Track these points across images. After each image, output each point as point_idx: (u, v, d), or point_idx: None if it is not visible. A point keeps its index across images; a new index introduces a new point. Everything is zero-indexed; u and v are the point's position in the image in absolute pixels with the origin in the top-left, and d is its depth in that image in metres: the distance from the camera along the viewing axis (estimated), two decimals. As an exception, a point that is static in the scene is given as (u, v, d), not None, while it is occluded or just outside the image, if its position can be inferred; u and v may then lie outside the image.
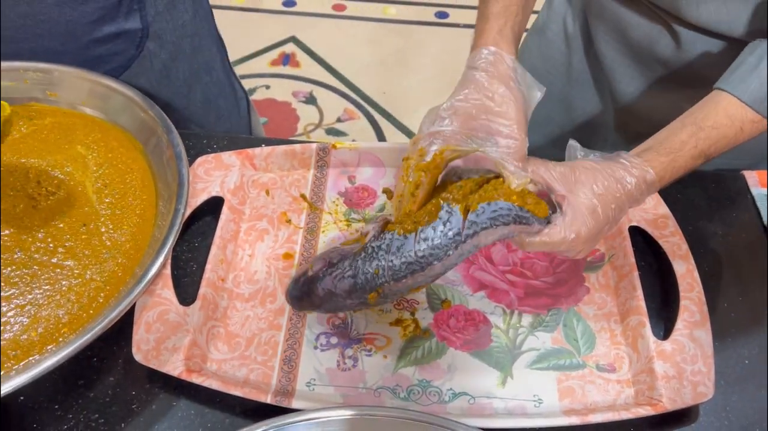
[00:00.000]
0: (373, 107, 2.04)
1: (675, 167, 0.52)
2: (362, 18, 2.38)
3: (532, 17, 0.86)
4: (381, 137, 1.95)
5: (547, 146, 0.90)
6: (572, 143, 0.55)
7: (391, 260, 0.51)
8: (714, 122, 0.53)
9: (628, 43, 0.73)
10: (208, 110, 0.89)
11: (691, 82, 0.69)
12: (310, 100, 2.05)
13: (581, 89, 0.83)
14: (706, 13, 0.63)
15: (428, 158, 0.52)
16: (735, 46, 0.62)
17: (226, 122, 0.93)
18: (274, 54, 2.20)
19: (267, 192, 0.67)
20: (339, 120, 1.99)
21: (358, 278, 0.52)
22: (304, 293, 0.54)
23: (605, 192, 0.50)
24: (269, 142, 0.70)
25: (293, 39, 2.26)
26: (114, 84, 0.66)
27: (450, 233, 0.49)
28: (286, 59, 2.18)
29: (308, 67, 2.16)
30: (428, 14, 2.40)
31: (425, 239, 0.49)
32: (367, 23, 2.36)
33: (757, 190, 0.72)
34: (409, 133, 1.97)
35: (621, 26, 0.72)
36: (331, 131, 1.95)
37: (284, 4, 2.41)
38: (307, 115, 2.00)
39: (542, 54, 0.85)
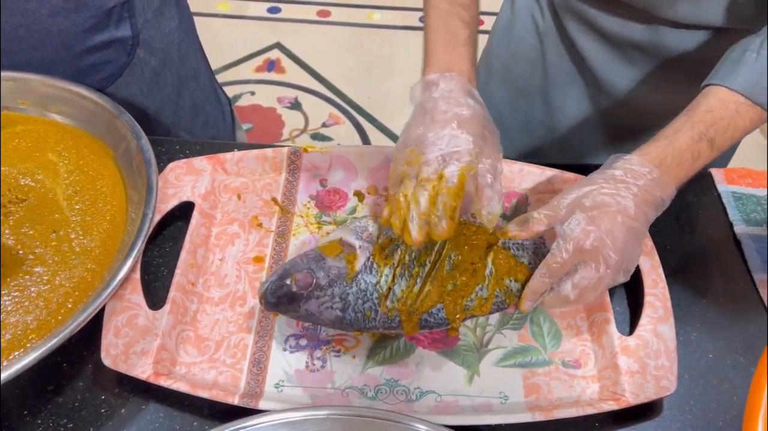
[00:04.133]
0: (358, 112, 2.05)
1: (675, 149, 0.53)
2: (347, 23, 2.40)
3: (491, 18, 0.87)
4: (366, 141, 1.96)
5: (529, 143, 0.90)
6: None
7: (387, 309, 0.53)
8: (706, 106, 0.54)
9: (604, 34, 0.73)
10: (196, 116, 0.90)
11: (673, 66, 0.71)
12: (295, 105, 2.06)
13: (561, 84, 0.83)
14: (681, 10, 0.64)
15: (455, 181, 0.52)
16: (716, 30, 0.64)
17: (213, 128, 0.94)
18: (259, 60, 2.21)
19: (238, 196, 0.68)
20: (324, 125, 2.00)
21: (347, 314, 0.53)
22: (282, 304, 0.54)
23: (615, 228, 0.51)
24: (241, 147, 0.70)
25: (278, 45, 2.27)
26: (84, 91, 0.66)
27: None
28: (271, 65, 2.19)
29: (293, 73, 2.17)
30: (412, 19, 2.42)
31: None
32: (352, 29, 2.38)
33: (723, 187, 0.74)
34: (393, 137, 1.98)
35: (594, 21, 0.73)
36: (317, 136, 1.96)
37: (269, 10, 2.42)
38: (292, 120, 2.01)
39: (514, 53, 0.86)
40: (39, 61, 0.70)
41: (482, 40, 0.83)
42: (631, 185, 0.52)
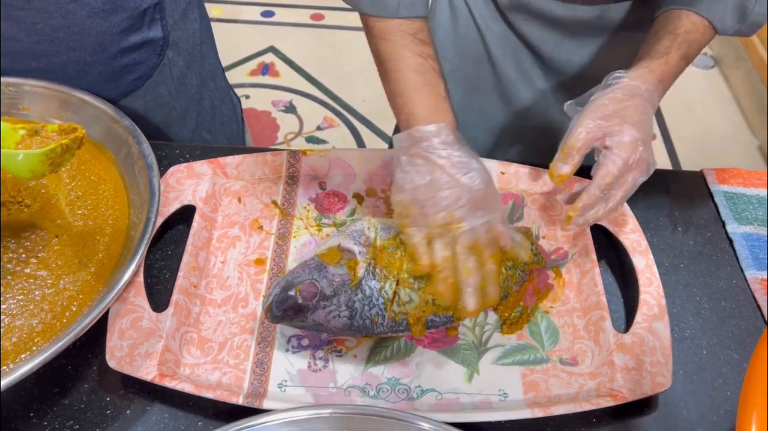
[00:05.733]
0: (353, 115, 2.06)
1: (669, 67, 0.61)
2: (340, 27, 2.41)
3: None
4: (361, 144, 1.97)
5: (489, 140, 0.91)
6: (568, 104, 0.64)
7: (394, 314, 0.54)
8: (684, 28, 0.63)
9: (554, 22, 0.76)
10: (215, 116, 0.91)
11: (616, 34, 0.76)
12: (290, 109, 2.07)
13: (511, 76, 0.84)
14: None
15: (493, 249, 0.55)
16: None
17: (228, 128, 0.95)
18: (253, 64, 2.21)
19: (239, 200, 0.68)
20: (319, 128, 2.01)
21: (355, 322, 0.54)
22: (289, 316, 0.54)
23: (636, 110, 0.58)
24: (241, 151, 0.71)
25: (272, 49, 2.28)
26: (85, 96, 0.67)
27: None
28: (266, 69, 2.20)
29: (287, 77, 2.18)
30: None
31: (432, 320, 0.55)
32: (345, 32, 2.39)
33: (715, 187, 0.75)
34: (388, 139, 1.99)
35: (544, 12, 0.75)
36: (311, 139, 1.97)
37: (263, 14, 2.42)
38: (287, 124, 2.02)
39: (461, 53, 0.86)
40: (75, 62, 0.71)
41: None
42: (644, 93, 0.59)
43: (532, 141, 0.89)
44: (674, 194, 0.74)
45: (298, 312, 0.54)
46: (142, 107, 0.80)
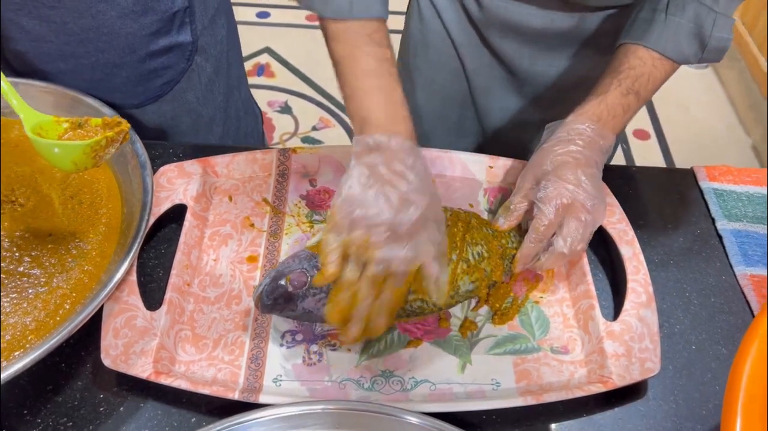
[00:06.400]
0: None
1: (608, 105, 0.61)
2: (335, 28, 2.41)
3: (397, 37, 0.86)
4: (356, 143, 1.97)
5: (465, 148, 0.89)
6: (548, 126, 0.65)
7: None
8: (628, 64, 0.62)
9: (527, 34, 0.76)
10: (239, 126, 0.92)
11: (591, 44, 0.76)
12: (286, 109, 2.07)
13: (485, 87, 0.84)
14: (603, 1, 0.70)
15: (400, 284, 0.54)
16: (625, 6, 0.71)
17: (250, 140, 0.96)
18: (249, 65, 2.22)
19: (230, 198, 0.69)
20: (314, 128, 2.01)
21: None
22: (279, 304, 0.55)
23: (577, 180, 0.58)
24: (231, 149, 0.72)
25: (267, 50, 2.29)
26: (78, 95, 0.68)
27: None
28: (261, 70, 2.21)
29: (283, 77, 2.19)
30: (399, 23, 2.44)
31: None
32: (340, 33, 2.39)
33: (705, 183, 0.76)
34: (384, 138, 2.00)
35: (519, 25, 0.75)
36: (307, 140, 1.98)
37: (258, 15, 2.43)
38: (282, 124, 2.03)
39: (434, 66, 0.85)
40: (104, 65, 0.71)
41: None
42: (578, 141, 0.60)
43: (505, 144, 0.89)
44: (665, 192, 0.74)
45: (288, 301, 0.54)
46: (169, 113, 0.79)
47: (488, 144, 0.91)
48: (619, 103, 0.61)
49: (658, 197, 0.74)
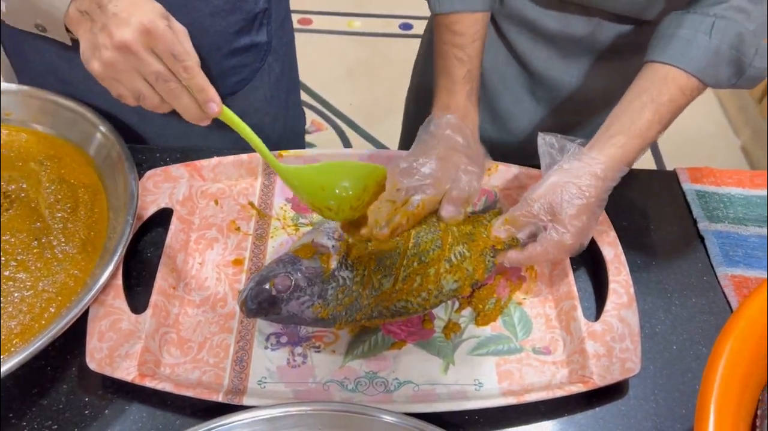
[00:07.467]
0: (341, 119, 2.08)
1: (645, 146, 0.59)
2: (328, 31, 2.42)
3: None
4: (348, 147, 1.98)
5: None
6: (540, 135, 0.61)
7: (367, 301, 0.54)
8: (669, 96, 0.57)
9: (545, 35, 0.76)
10: (294, 127, 0.94)
11: (607, 56, 0.75)
12: (278, 114, 2.08)
13: (503, 90, 0.85)
14: (619, 4, 0.68)
15: (411, 208, 0.60)
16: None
17: (294, 143, 0.97)
18: (241, 70, 2.22)
19: (216, 202, 0.69)
20: (307, 132, 2.02)
21: (329, 310, 0.55)
22: (264, 308, 0.55)
23: (582, 201, 0.57)
24: (218, 153, 0.72)
25: (259, 55, 2.29)
26: (63, 100, 0.68)
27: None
28: (253, 75, 2.21)
29: (275, 82, 2.19)
30: (393, 26, 2.45)
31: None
32: (333, 36, 2.40)
33: (687, 185, 0.76)
34: (376, 143, 2.01)
35: (535, 24, 0.76)
36: (299, 144, 1.98)
37: (250, 21, 2.44)
38: (275, 129, 2.03)
39: None
40: None
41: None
42: (592, 181, 0.58)
43: (519, 159, 0.89)
44: (648, 193, 0.75)
45: (273, 305, 0.55)
46: (239, 110, 0.79)
47: (494, 148, 0.90)
48: (651, 141, 0.59)
49: (641, 199, 0.74)
